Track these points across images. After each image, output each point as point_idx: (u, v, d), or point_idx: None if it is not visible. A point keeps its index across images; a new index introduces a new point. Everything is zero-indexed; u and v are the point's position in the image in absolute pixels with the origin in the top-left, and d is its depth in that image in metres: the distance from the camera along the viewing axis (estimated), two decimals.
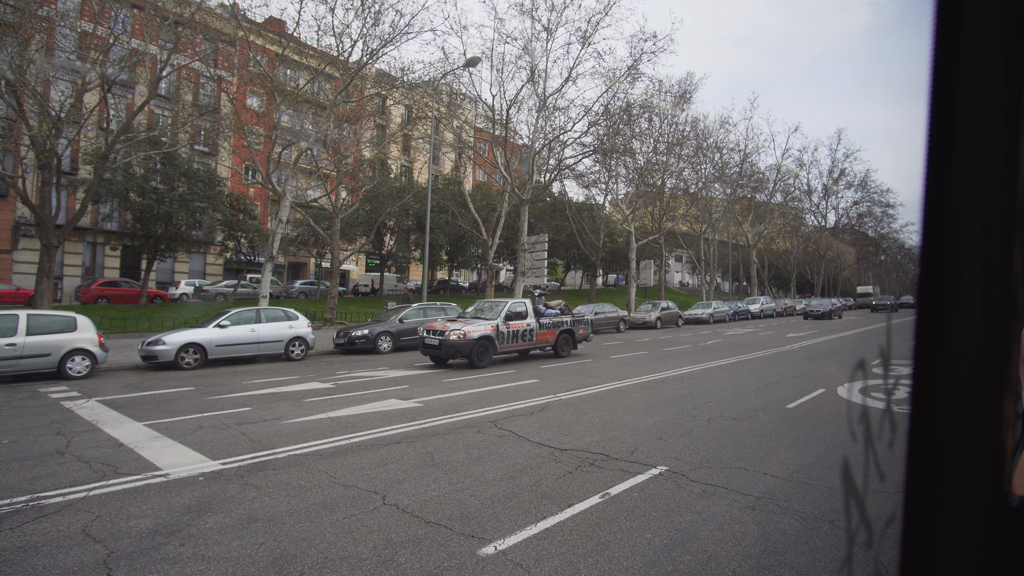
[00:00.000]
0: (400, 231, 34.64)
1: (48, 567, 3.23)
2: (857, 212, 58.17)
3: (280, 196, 19.98)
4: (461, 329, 12.42)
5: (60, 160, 18.46)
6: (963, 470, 0.72)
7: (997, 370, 0.71)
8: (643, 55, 25.30)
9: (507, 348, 13.12)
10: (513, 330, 13.21)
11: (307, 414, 7.56)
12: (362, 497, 4.32)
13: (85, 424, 7.11)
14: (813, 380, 10.14)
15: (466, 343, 12.33)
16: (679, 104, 32.23)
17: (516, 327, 13.28)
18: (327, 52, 21.19)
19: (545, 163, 28.59)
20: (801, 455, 5.41)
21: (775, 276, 61.65)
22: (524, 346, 13.54)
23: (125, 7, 20.10)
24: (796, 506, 4.08)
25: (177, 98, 25.65)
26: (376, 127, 34.62)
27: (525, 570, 3.14)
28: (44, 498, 4.37)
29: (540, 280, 27.28)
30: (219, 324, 13.62)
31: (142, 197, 24.36)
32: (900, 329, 20.08)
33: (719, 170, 41.15)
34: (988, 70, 0.70)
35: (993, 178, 0.70)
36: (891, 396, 1.17)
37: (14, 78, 15.85)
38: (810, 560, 3.25)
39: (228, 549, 3.44)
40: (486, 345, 12.64)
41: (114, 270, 31.46)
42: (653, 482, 4.63)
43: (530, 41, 25.16)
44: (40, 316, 11.43)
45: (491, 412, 7.57)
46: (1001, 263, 0.70)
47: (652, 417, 7.15)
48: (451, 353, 12.50)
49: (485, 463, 5.20)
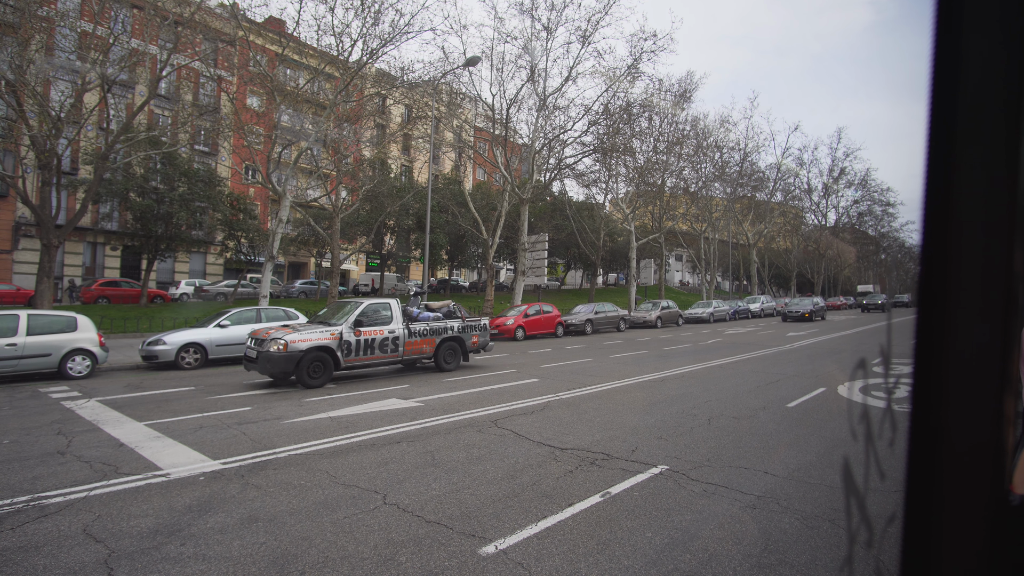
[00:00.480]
0: (400, 231, 34.64)
1: (49, 567, 3.23)
2: (857, 211, 58.17)
3: (280, 196, 19.97)
4: (282, 338, 9.67)
5: (60, 160, 18.47)
6: (964, 469, 0.72)
7: (997, 369, 0.71)
8: (643, 54, 25.31)
9: (357, 361, 10.53)
10: (367, 338, 10.61)
11: (307, 414, 7.57)
12: (363, 496, 4.32)
13: (86, 424, 7.11)
14: (813, 379, 10.14)
15: (287, 356, 9.56)
16: (679, 103, 32.20)
17: (372, 334, 10.70)
18: (327, 52, 21.18)
19: (545, 162, 28.58)
20: (802, 454, 5.41)
21: (775, 275, 61.63)
22: (385, 358, 10.97)
23: (125, 7, 20.10)
24: (797, 505, 4.08)
25: (177, 98, 25.67)
26: (376, 127, 34.61)
27: (526, 569, 3.14)
28: (45, 498, 4.37)
29: (540, 280, 27.29)
30: (219, 324, 13.63)
31: (142, 197, 24.37)
32: (900, 328, 20.12)
33: (719, 169, 41.13)
34: (988, 69, 0.69)
35: (993, 176, 0.70)
36: (892, 395, 1.17)
37: (14, 78, 15.85)
38: (811, 559, 3.25)
39: (229, 549, 3.44)
40: (322, 359, 9.96)
41: (114, 270, 31.48)
42: (654, 481, 4.63)
43: (530, 40, 25.14)
44: (40, 316, 11.44)
45: (491, 411, 7.57)
46: (1001, 261, 0.70)
47: (653, 416, 7.15)
48: (271, 369, 9.68)
49: (486, 462, 5.20)
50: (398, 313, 11.31)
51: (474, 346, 12.62)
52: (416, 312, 12.03)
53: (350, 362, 10.43)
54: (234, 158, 32.95)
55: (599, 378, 10.55)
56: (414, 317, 11.81)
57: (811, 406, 7.76)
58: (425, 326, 11.73)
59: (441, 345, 11.94)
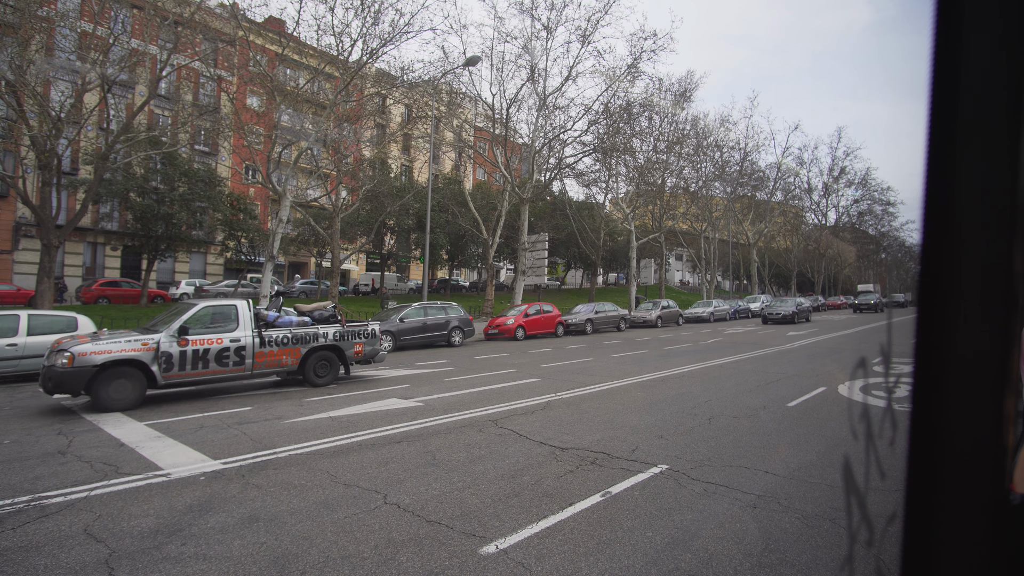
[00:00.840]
0: (400, 230, 34.65)
1: (50, 567, 3.24)
2: (857, 210, 58.20)
3: (280, 196, 19.98)
4: (69, 350, 7.83)
5: (60, 160, 18.48)
6: (964, 468, 0.72)
7: (998, 368, 0.71)
8: (643, 53, 25.33)
9: (184, 377, 8.68)
10: (198, 349, 8.75)
11: (308, 413, 7.57)
12: (363, 496, 4.33)
13: (86, 424, 7.12)
14: (814, 378, 10.14)
15: (74, 373, 7.69)
16: (679, 102, 32.21)
17: (205, 344, 8.83)
18: (327, 52, 21.19)
19: (545, 162, 28.59)
20: (802, 453, 5.41)
21: (776, 274, 61.64)
22: (224, 373, 9.09)
23: (125, 7, 20.10)
24: (797, 504, 4.08)
25: (177, 98, 25.66)
26: (376, 126, 34.63)
27: (527, 569, 3.14)
28: (46, 498, 4.37)
29: (541, 279, 27.28)
30: None
31: (142, 197, 24.38)
32: (901, 327, 20.09)
33: (719, 168, 41.15)
34: (989, 68, 0.69)
35: (994, 175, 0.70)
36: (892, 394, 1.17)
37: (14, 78, 15.86)
38: (811, 558, 3.25)
39: (230, 548, 3.45)
40: (127, 374, 8.12)
41: (115, 270, 31.50)
42: (654, 481, 4.63)
43: (530, 40, 25.15)
44: (41, 316, 11.45)
45: (492, 411, 7.57)
46: (1002, 260, 0.70)
47: (653, 416, 7.15)
48: (52, 387, 7.75)
49: (486, 462, 5.20)
50: (247, 318, 9.39)
51: (358, 356, 10.76)
52: (272, 316, 10.15)
53: (172, 378, 8.55)
54: (234, 158, 32.96)
55: (599, 377, 10.55)
56: (270, 322, 9.98)
57: (811, 405, 7.76)
58: (285, 333, 9.78)
59: (309, 356, 10.06)
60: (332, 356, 10.40)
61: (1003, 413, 0.71)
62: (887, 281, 70.54)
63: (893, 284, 68.98)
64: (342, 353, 10.54)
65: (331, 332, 10.43)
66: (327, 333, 10.36)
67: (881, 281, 69.49)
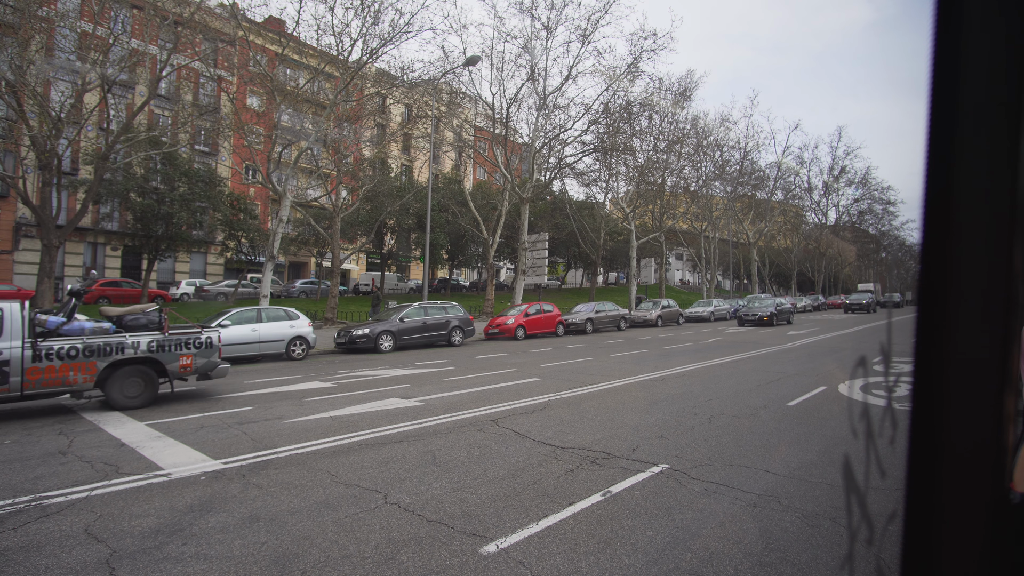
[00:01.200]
0: (400, 230, 34.64)
1: (50, 567, 3.24)
2: (858, 209, 58.21)
3: (280, 196, 19.98)
4: None
5: (60, 160, 18.48)
6: (964, 467, 0.72)
7: (998, 367, 0.71)
8: (643, 53, 25.34)
9: None
10: None
11: (308, 413, 7.57)
12: (364, 496, 4.33)
13: (87, 424, 7.12)
14: (814, 378, 10.14)
15: None
16: (679, 102, 32.21)
17: None
18: (327, 51, 21.19)
19: (545, 161, 28.59)
20: (802, 452, 5.41)
21: (776, 274, 61.63)
22: None
23: (125, 7, 20.10)
24: (797, 503, 4.08)
25: (177, 98, 25.67)
26: (376, 126, 34.62)
27: (527, 568, 3.14)
28: (46, 498, 4.38)
29: (541, 279, 27.29)
30: (220, 324, 13.64)
31: (142, 197, 24.38)
32: (901, 326, 20.09)
33: (719, 168, 41.15)
34: (989, 67, 0.69)
35: (994, 174, 0.70)
36: (892, 393, 1.17)
37: (14, 78, 15.87)
38: (812, 557, 3.25)
39: (230, 548, 3.45)
40: None
41: (115, 270, 31.49)
42: (654, 480, 4.63)
43: (530, 39, 25.15)
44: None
45: (492, 410, 7.57)
46: (1002, 260, 0.70)
47: (653, 415, 7.15)
48: None
49: (486, 461, 5.20)
50: (14, 325, 7.36)
51: (185, 371, 8.71)
52: (54, 323, 7.94)
53: None
54: (234, 158, 32.96)
55: (600, 377, 10.55)
56: (50, 330, 7.85)
57: (812, 404, 7.76)
58: (73, 344, 7.76)
59: (113, 371, 8.10)
60: (149, 371, 8.42)
61: (1003, 412, 0.71)
62: (887, 280, 70.56)
63: (893, 283, 69.01)
64: (163, 366, 8.55)
65: (144, 342, 8.38)
66: (138, 343, 8.32)
67: (881, 280, 69.50)
